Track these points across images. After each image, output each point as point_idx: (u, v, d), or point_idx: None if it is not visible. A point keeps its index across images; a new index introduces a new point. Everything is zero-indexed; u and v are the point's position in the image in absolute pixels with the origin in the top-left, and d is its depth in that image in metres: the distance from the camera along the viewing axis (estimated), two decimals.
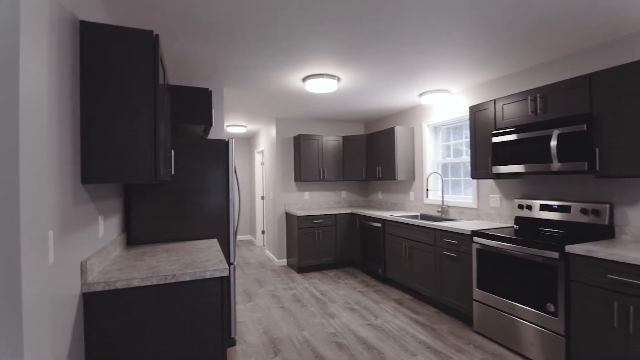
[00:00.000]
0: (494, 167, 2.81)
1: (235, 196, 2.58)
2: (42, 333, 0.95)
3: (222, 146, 2.57)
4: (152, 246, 2.23)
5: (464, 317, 2.99)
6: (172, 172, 2.00)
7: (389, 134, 4.46)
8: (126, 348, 1.49)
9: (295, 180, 5.13)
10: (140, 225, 2.34)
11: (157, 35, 1.56)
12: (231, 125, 5.67)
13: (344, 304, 3.44)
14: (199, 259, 1.85)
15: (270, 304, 3.47)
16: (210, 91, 2.50)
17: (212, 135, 3.39)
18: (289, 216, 4.98)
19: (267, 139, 5.75)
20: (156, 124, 1.54)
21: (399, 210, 4.69)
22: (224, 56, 2.60)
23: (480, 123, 3.04)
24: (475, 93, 3.50)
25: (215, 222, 2.54)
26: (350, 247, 4.85)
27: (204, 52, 2.53)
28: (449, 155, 4.09)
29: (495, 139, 2.80)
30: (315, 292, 3.84)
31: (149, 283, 1.51)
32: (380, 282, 4.21)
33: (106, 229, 1.83)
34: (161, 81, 1.73)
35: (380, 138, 4.68)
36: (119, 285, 1.47)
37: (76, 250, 1.38)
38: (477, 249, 2.74)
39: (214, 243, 2.31)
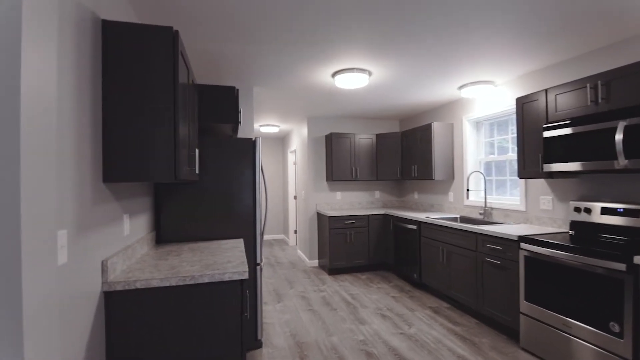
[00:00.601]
0: (545, 165, 2.50)
1: (262, 196, 2.53)
2: (46, 333, 0.92)
3: (249, 145, 2.54)
4: (179, 245, 2.24)
5: (508, 331, 2.70)
6: (197, 172, 1.98)
7: (426, 130, 4.21)
8: (145, 348, 1.48)
9: (327, 180, 5.03)
10: (169, 223, 2.36)
11: (176, 32, 1.53)
12: (264, 125, 5.70)
13: (376, 310, 3.28)
14: (220, 259, 1.81)
15: (299, 306, 3.40)
16: (237, 90, 2.47)
17: (242, 134, 3.39)
18: (320, 216, 4.90)
19: (299, 138, 5.71)
20: (176, 123, 1.51)
21: (436, 211, 4.42)
22: (251, 54, 2.57)
23: (529, 116, 2.73)
24: (523, 83, 3.17)
25: (242, 221, 2.51)
26: (384, 250, 4.65)
27: (231, 51, 2.51)
28: (492, 153, 3.76)
29: (547, 134, 2.49)
30: (346, 295, 3.72)
31: (167, 284, 1.49)
32: (415, 287, 3.98)
33: (133, 227, 1.85)
34: (183, 79, 1.71)
35: (416, 135, 4.43)
36: (138, 285, 1.46)
37: (97, 248, 1.38)
38: (526, 257, 2.46)
39: (239, 243, 2.28)
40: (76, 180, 1.20)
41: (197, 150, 2.00)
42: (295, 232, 6.54)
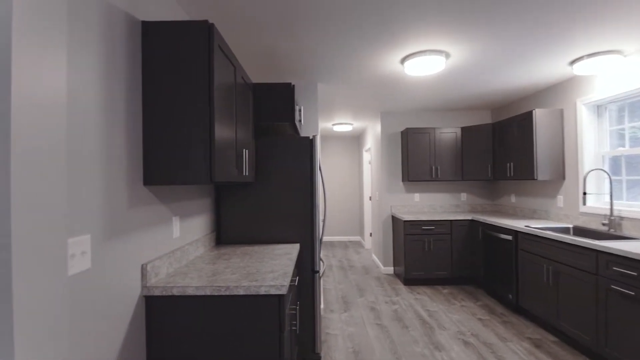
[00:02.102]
0: None
1: (320, 198, 2.33)
2: (47, 339, 0.87)
3: (306, 144, 2.37)
4: (234, 248, 2.20)
5: None
6: (246, 173, 1.90)
7: (525, 120, 3.46)
8: (181, 355, 1.41)
9: (403, 180, 4.60)
10: (228, 225, 2.35)
11: (211, 25, 1.43)
12: (337, 123, 5.54)
13: (457, 334, 2.79)
14: (265, 268, 1.67)
15: (367, 319, 3.11)
16: (293, 86, 2.33)
17: (307, 133, 3.26)
18: (395, 220, 4.50)
19: (373, 136, 5.39)
20: (211, 123, 1.42)
21: (539, 219, 3.62)
22: (310, 46, 2.40)
23: None
24: None
25: (299, 225, 2.36)
26: (470, 262, 4.02)
27: (289, 45, 2.38)
28: (622, 145, 2.87)
29: None
30: (422, 311, 3.28)
31: (202, 293, 1.40)
32: (511, 311, 3.30)
33: (185, 229, 1.85)
34: (226, 77, 1.61)
35: (512, 126, 3.70)
36: (175, 292, 1.40)
37: (136, 252, 1.36)
38: None
39: (293, 249, 2.13)
40: (106, 185, 1.17)
41: (246, 151, 1.91)
42: (371, 234, 6.22)
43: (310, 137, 2.38)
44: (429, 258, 4.03)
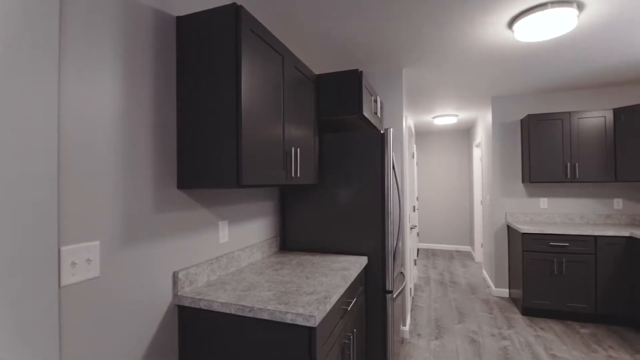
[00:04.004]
0: None
1: (395, 203, 1.95)
2: (22, 345, 0.82)
3: (376, 140, 2.01)
4: (293, 256, 2.02)
5: None
6: (297, 174, 1.68)
7: None
8: None
9: (523, 181, 3.66)
10: (291, 230, 2.19)
11: (239, 7, 1.26)
12: (438, 116, 4.85)
13: None
14: (307, 286, 1.42)
15: (463, 353, 2.52)
16: (361, 72, 2.00)
17: (392, 128, 2.85)
18: (511, 231, 3.61)
19: (483, 127, 4.51)
20: (239, 119, 1.25)
21: None
22: (394, 22, 2.04)
23: None
24: None
25: (367, 234, 2.02)
26: (625, 294, 2.87)
27: (369, 25, 2.07)
28: None
29: None
30: (544, 356, 2.47)
31: (226, 310, 1.24)
32: None
33: (235, 234, 1.75)
34: (269, 68, 1.43)
35: None
36: (202, 305, 1.29)
37: (166, 258, 1.30)
38: None
39: (355, 264, 1.81)
40: (124, 191, 1.12)
41: (297, 150, 1.69)
42: (482, 246, 5.26)
43: (382, 131, 2.01)
44: (560, 284, 3.06)
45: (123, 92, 1.12)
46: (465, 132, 6.23)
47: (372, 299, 2.01)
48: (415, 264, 4.34)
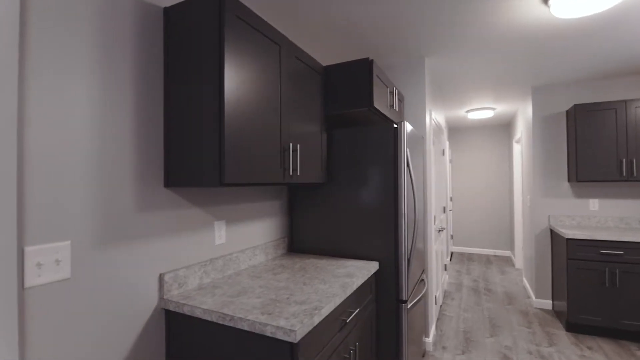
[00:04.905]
0: None
1: (409, 204, 1.77)
2: None
3: (387, 135, 1.84)
4: (298, 258, 1.91)
5: None
6: (297, 173, 1.57)
7: None
8: None
9: (569, 180, 3.25)
10: (298, 232, 2.08)
11: None
12: (472, 110, 4.50)
13: None
14: (300, 294, 1.30)
15: None
16: (371, 61, 1.84)
17: (412, 122, 2.65)
18: (554, 235, 3.23)
19: (523, 121, 4.10)
20: (221, 114, 1.16)
21: None
22: (415, 5, 1.87)
23: None
24: None
25: (378, 238, 1.86)
26: None
27: (384, 13, 1.92)
28: None
29: None
30: None
31: (208, 318, 1.16)
32: None
33: (234, 235, 1.67)
34: (263, 59, 1.33)
35: None
36: (185, 311, 1.22)
37: (152, 259, 1.25)
38: None
39: (362, 270, 1.66)
40: (100, 189, 1.07)
41: (296, 146, 1.58)
42: (523, 251, 4.80)
43: (394, 126, 1.84)
44: (613, 297, 2.66)
45: (97, 93, 1.08)
46: (504, 127, 5.74)
47: (384, 308, 1.85)
48: (445, 269, 4.04)
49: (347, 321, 1.37)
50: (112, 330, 1.11)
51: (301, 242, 2.08)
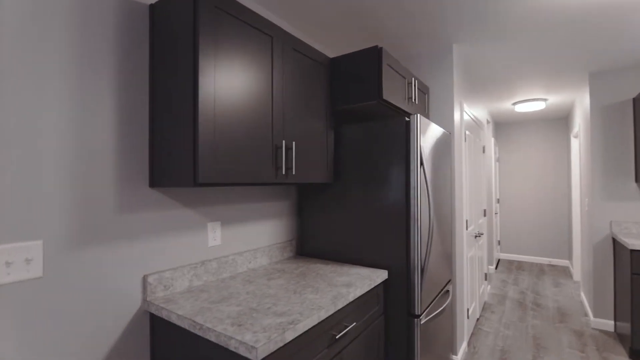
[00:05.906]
0: None
1: (423, 207, 1.59)
2: None
3: (399, 131, 1.66)
4: (302, 263, 1.80)
5: None
6: (293, 172, 1.46)
7: None
8: None
9: (637, 180, 2.75)
10: (305, 234, 1.98)
11: None
12: (519, 102, 4.04)
13: None
14: (284, 305, 1.20)
15: None
16: (380, 48, 1.67)
17: (439, 118, 2.41)
18: (617, 245, 2.75)
19: (581, 112, 3.57)
20: (195, 112, 1.10)
21: None
22: None
23: None
24: None
25: (388, 244, 1.69)
26: None
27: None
28: None
29: None
30: None
31: (181, 324, 1.11)
32: None
33: (232, 236, 1.62)
34: (251, 51, 1.26)
35: None
36: (163, 315, 1.18)
37: (136, 260, 1.23)
38: None
39: (365, 279, 1.51)
40: (76, 187, 1.07)
41: (289, 144, 1.48)
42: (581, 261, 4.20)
43: (407, 119, 1.65)
44: None
45: (75, 93, 1.07)
46: (560, 121, 5.09)
47: (395, 322, 1.67)
48: (485, 278, 3.67)
49: (338, 337, 1.24)
50: (90, 330, 1.10)
51: (309, 245, 1.98)
